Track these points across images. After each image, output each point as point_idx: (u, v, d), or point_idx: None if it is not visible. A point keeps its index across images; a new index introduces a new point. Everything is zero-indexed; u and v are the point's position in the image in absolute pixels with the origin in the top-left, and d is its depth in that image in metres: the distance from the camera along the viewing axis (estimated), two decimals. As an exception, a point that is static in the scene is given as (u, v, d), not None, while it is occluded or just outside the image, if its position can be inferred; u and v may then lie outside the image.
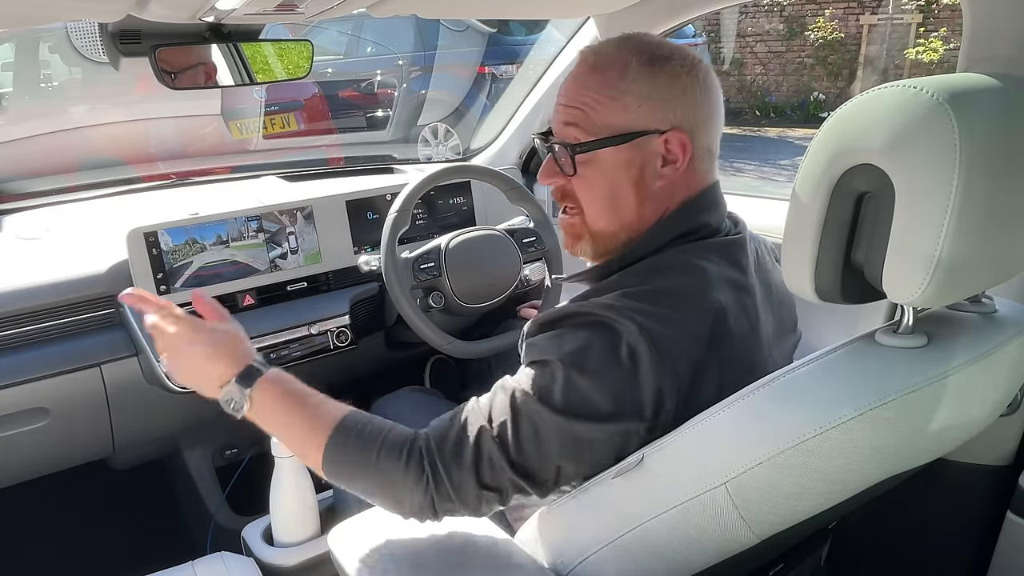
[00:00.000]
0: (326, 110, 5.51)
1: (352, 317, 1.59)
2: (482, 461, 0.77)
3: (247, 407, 0.85)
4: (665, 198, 0.84)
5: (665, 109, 0.81)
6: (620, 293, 0.78)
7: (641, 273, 0.82)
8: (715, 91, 0.85)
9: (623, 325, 0.74)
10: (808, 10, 8.71)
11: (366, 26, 6.04)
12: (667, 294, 0.77)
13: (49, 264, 1.38)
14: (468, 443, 0.77)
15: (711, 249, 0.83)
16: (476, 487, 0.77)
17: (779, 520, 0.70)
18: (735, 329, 0.79)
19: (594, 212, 0.86)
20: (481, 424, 0.78)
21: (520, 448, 0.76)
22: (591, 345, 0.74)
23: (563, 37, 1.83)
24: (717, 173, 0.88)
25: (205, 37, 1.25)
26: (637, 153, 0.82)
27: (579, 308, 0.78)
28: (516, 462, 0.76)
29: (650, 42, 0.85)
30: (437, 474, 0.78)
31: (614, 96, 0.82)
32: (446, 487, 0.77)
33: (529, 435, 0.75)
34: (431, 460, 0.78)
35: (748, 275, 0.85)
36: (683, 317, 0.76)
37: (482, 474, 0.77)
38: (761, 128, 8.59)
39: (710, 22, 8.96)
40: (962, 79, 0.64)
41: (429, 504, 0.79)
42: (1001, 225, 0.64)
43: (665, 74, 0.82)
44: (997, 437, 1.07)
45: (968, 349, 0.70)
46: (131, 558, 1.28)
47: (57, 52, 4.48)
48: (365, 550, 0.90)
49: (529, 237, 1.60)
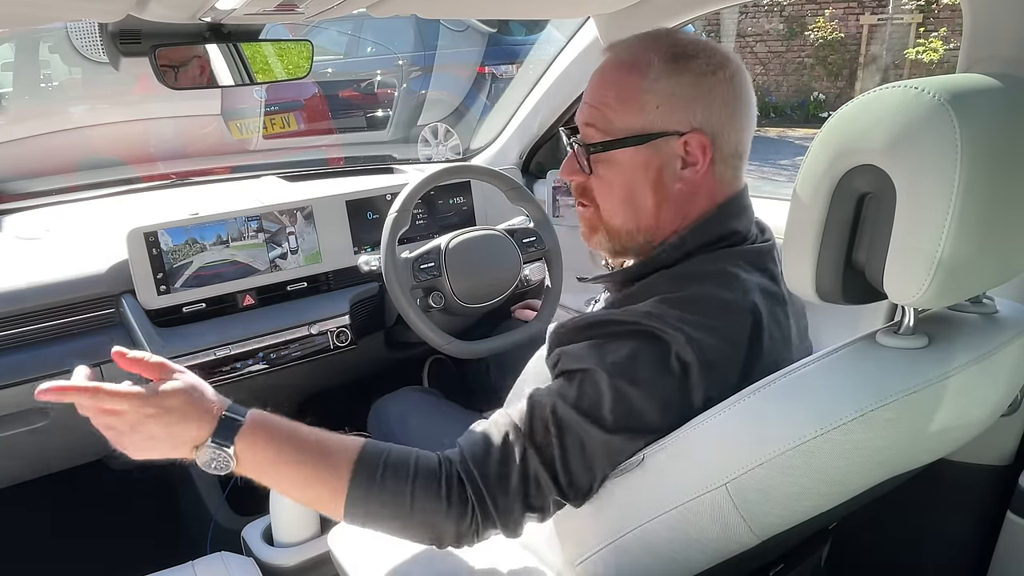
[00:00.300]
0: (326, 110, 5.51)
1: (352, 317, 1.59)
2: (529, 484, 0.74)
3: (234, 464, 0.74)
4: (685, 201, 0.82)
5: (685, 110, 0.79)
6: (658, 300, 0.75)
7: (675, 279, 0.80)
8: (745, 91, 0.81)
9: (671, 335, 0.72)
10: (808, 10, 8.71)
11: (366, 26, 6.04)
12: (706, 301, 0.75)
13: (49, 264, 1.38)
14: (514, 466, 0.74)
15: (741, 256, 0.81)
16: (522, 510, 0.74)
17: (779, 521, 0.70)
18: (772, 337, 0.79)
19: (610, 210, 0.85)
20: (524, 444, 0.74)
21: (568, 468, 0.73)
22: (638, 355, 0.72)
23: (563, 37, 1.83)
24: (745, 177, 0.86)
25: (205, 37, 1.24)
26: (655, 155, 0.80)
27: (619, 316, 0.75)
28: (562, 482, 0.74)
29: (677, 40, 0.82)
30: (483, 502, 0.73)
31: (634, 96, 0.80)
32: (492, 515, 0.74)
33: (576, 453, 0.73)
34: (475, 488, 0.74)
35: (779, 283, 0.83)
36: (726, 325, 0.75)
37: (530, 497, 0.74)
38: (761, 128, 8.51)
39: (710, 22, 8.96)
40: (962, 79, 0.64)
41: (473, 532, 0.75)
42: (1002, 225, 0.64)
43: (688, 73, 0.79)
44: (997, 437, 1.07)
45: (969, 350, 0.70)
46: (131, 558, 1.28)
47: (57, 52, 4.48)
48: (365, 550, 0.90)
49: (529, 237, 1.60)
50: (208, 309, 1.47)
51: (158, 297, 1.41)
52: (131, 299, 1.40)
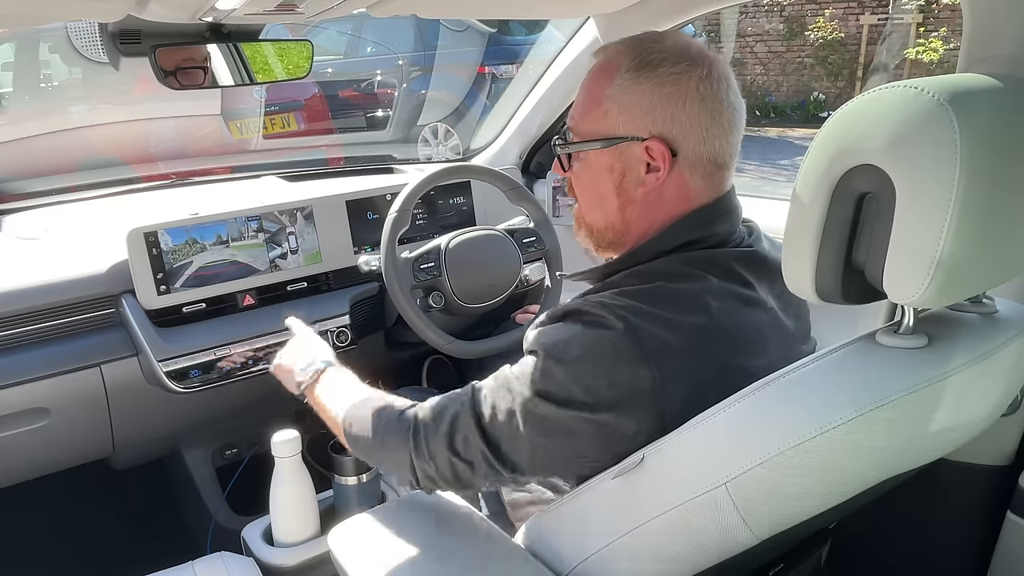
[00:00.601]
0: (326, 110, 5.51)
1: (352, 317, 1.59)
2: (457, 432, 0.82)
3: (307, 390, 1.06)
4: (651, 205, 0.85)
5: (646, 117, 0.82)
6: (616, 292, 0.79)
7: (640, 275, 0.82)
8: (716, 99, 0.82)
9: (611, 323, 0.75)
10: (808, 10, 8.71)
11: (366, 26, 6.04)
12: (663, 297, 0.77)
13: (49, 264, 1.38)
14: (448, 413, 0.83)
15: (714, 260, 0.82)
16: (449, 454, 0.82)
17: (780, 521, 0.70)
18: (737, 340, 0.79)
19: (584, 206, 0.92)
20: (463, 399, 0.83)
21: (494, 421, 0.79)
22: (574, 338, 0.76)
23: (563, 37, 1.83)
24: (729, 181, 0.87)
25: (205, 37, 1.25)
26: (618, 158, 0.84)
27: (576, 305, 0.79)
28: (488, 435, 0.80)
29: (646, 47, 0.84)
30: (419, 441, 0.84)
31: (599, 101, 0.84)
32: (424, 453, 0.84)
33: (503, 409, 0.79)
34: (415, 427, 0.85)
35: (755, 288, 0.83)
36: (678, 321, 0.76)
37: (455, 443, 0.82)
38: (761, 128, 8.58)
39: (710, 22, 8.96)
40: (962, 79, 0.64)
41: (410, 466, 0.85)
42: (1002, 225, 0.64)
43: (650, 81, 0.82)
44: (997, 437, 1.07)
45: (969, 350, 0.70)
46: (131, 558, 1.28)
47: (57, 52, 4.47)
48: (365, 550, 0.90)
49: (529, 237, 1.60)
50: (208, 309, 1.47)
51: (158, 297, 1.41)
52: (131, 299, 1.40)
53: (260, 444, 1.60)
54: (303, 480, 1.23)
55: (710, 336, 0.77)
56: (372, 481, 1.27)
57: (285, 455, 1.21)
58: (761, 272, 0.85)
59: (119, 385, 1.39)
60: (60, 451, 1.43)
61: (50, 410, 1.34)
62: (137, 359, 1.39)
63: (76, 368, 1.34)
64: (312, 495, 1.25)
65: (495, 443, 0.80)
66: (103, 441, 1.45)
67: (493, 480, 0.83)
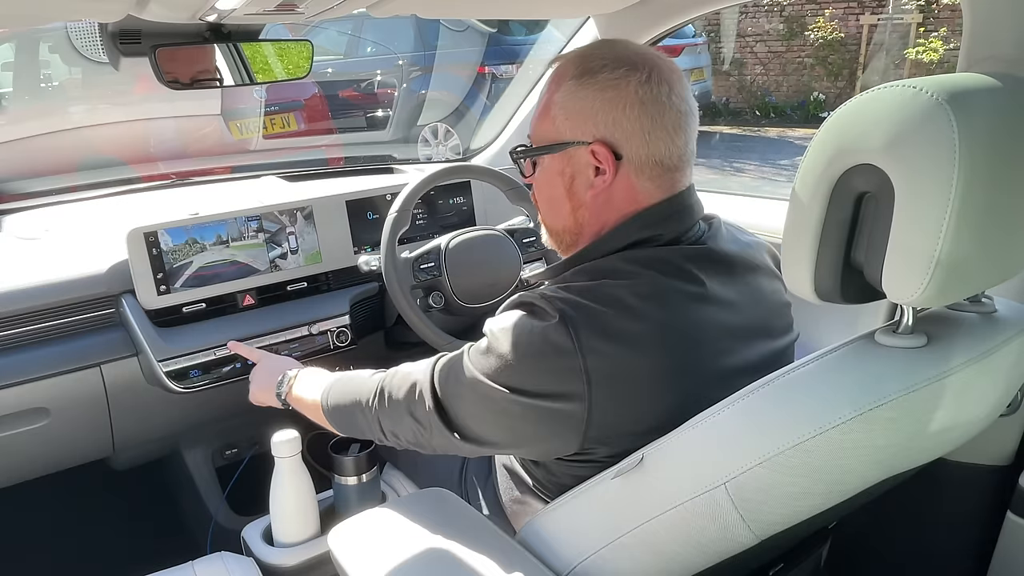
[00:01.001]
0: (326, 110, 5.51)
1: (352, 317, 1.59)
2: (415, 392, 0.89)
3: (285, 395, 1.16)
4: (601, 206, 0.88)
5: (588, 122, 0.85)
6: (560, 285, 0.83)
7: (587, 271, 0.85)
8: (656, 102, 0.84)
9: (547, 314, 0.78)
10: (808, 10, 8.70)
11: (366, 26, 6.04)
12: (605, 294, 0.79)
13: (49, 264, 1.38)
14: (410, 378, 0.91)
15: (662, 258, 0.84)
16: (408, 415, 0.90)
17: (779, 520, 0.70)
18: (686, 337, 0.80)
19: (543, 210, 0.97)
20: (424, 367, 0.91)
21: (446, 391, 0.86)
22: (515, 326, 0.80)
23: (563, 37, 1.83)
24: (682, 182, 0.88)
25: (205, 37, 1.25)
26: (568, 163, 0.88)
27: (524, 296, 0.84)
28: (441, 402, 0.87)
29: (588, 55, 0.87)
30: (383, 398, 0.93)
31: (547, 108, 0.89)
32: (387, 409, 0.93)
33: (454, 380, 0.85)
34: (380, 389, 0.94)
35: (705, 285, 0.84)
36: (615, 315, 0.77)
37: (412, 405, 0.89)
38: (761, 128, 8.58)
39: (710, 22, 8.96)
40: (962, 79, 0.64)
41: (378, 424, 0.94)
42: (1001, 225, 0.64)
43: (590, 87, 0.85)
44: (997, 437, 1.07)
45: (968, 349, 0.70)
46: (131, 558, 1.28)
47: (57, 52, 4.47)
48: (365, 550, 0.90)
49: (529, 237, 1.60)
50: (208, 309, 1.47)
51: (158, 297, 1.41)
52: (131, 299, 1.40)
53: (260, 444, 1.60)
54: (303, 480, 1.23)
55: (651, 332, 0.78)
56: (372, 481, 1.27)
57: (285, 455, 1.21)
58: (715, 269, 0.86)
59: (119, 385, 1.39)
60: (60, 451, 1.43)
61: (50, 410, 1.34)
62: (137, 359, 1.39)
63: (76, 368, 1.34)
64: (312, 495, 1.25)
65: (445, 410, 0.86)
66: (103, 441, 1.45)
67: (447, 444, 0.88)
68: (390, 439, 0.95)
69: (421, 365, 0.92)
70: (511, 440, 0.86)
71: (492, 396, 0.81)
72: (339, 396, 1.02)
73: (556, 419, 0.78)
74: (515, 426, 0.82)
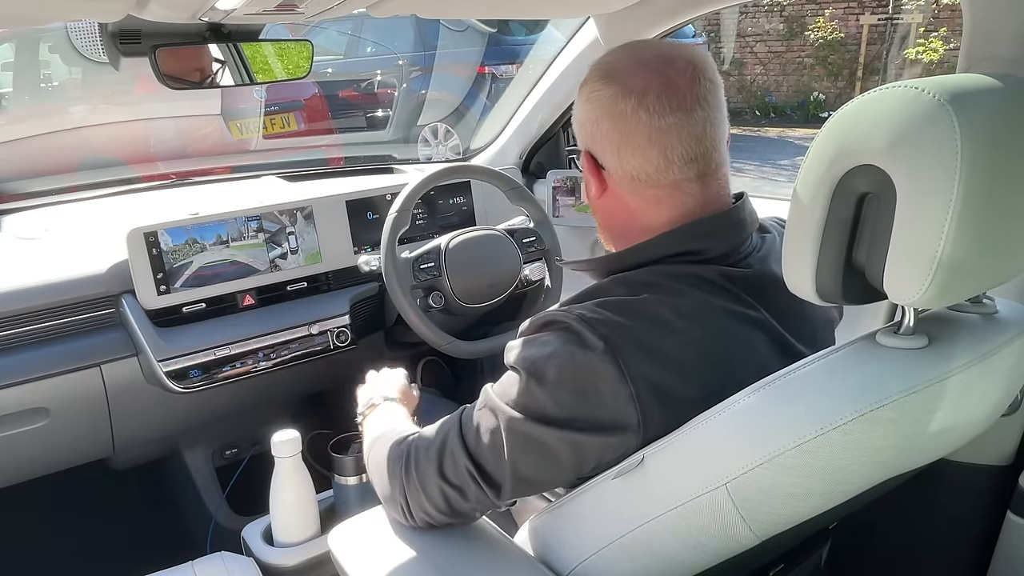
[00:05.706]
0: (326, 110, 5.50)
1: (352, 317, 1.59)
2: (445, 453, 0.81)
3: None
4: (606, 214, 0.88)
5: (582, 131, 0.86)
6: (598, 303, 0.77)
7: (627, 283, 0.81)
8: (624, 118, 0.80)
9: (591, 341, 0.73)
10: (808, 10, 8.70)
11: (366, 26, 6.04)
12: (648, 312, 0.76)
13: (49, 264, 1.38)
14: (438, 438, 0.84)
15: (703, 275, 0.80)
16: (438, 478, 0.82)
17: (780, 521, 0.70)
18: (726, 359, 0.77)
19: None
20: (452, 423, 0.84)
21: (479, 440, 0.79)
22: (553, 356, 0.75)
23: (563, 37, 1.83)
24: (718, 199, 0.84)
25: (205, 37, 1.25)
26: (585, 166, 0.88)
27: (557, 316, 0.78)
28: (473, 454, 0.79)
29: (599, 60, 0.86)
30: (409, 467, 0.85)
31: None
32: (415, 480, 0.84)
33: (487, 429, 0.78)
34: (407, 456, 0.86)
35: (751, 307, 0.81)
36: (661, 338, 0.75)
37: (444, 466, 0.81)
38: (761, 128, 8.58)
39: (710, 22, 8.96)
40: (963, 79, 0.64)
41: (404, 498, 0.86)
42: (1002, 226, 0.64)
43: (581, 97, 0.85)
44: (997, 437, 1.07)
45: (969, 350, 0.70)
46: (131, 558, 1.28)
47: (57, 52, 4.47)
48: (365, 550, 0.90)
49: (529, 237, 1.60)
50: (208, 309, 1.47)
51: (158, 297, 1.41)
52: (131, 299, 1.40)
53: (260, 444, 1.60)
54: (303, 480, 1.23)
55: (696, 354, 0.76)
56: (372, 481, 1.27)
57: (285, 455, 1.21)
58: (760, 292, 0.83)
59: (119, 385, 1.39)
60: (60, 451, 1.43)
61: (50, 410, 1.34)
62: (137, 359, 1.39)
63: (76, 368, 1.34)
64: (312, 495, 1.26)
65: (480, 464, 0.79)
66: (103, 441, 1.45)
67: (484, 505, 0.83)
68: (416, 514, 0.86)
69: (448, 423, 0.85)
70: (560, 478, 0.81)
71: (534, 435, 0.75)
72: (375, 462, 0.94)
73: (610, 449, 0.75)
74: (560, 462, 0.76)
